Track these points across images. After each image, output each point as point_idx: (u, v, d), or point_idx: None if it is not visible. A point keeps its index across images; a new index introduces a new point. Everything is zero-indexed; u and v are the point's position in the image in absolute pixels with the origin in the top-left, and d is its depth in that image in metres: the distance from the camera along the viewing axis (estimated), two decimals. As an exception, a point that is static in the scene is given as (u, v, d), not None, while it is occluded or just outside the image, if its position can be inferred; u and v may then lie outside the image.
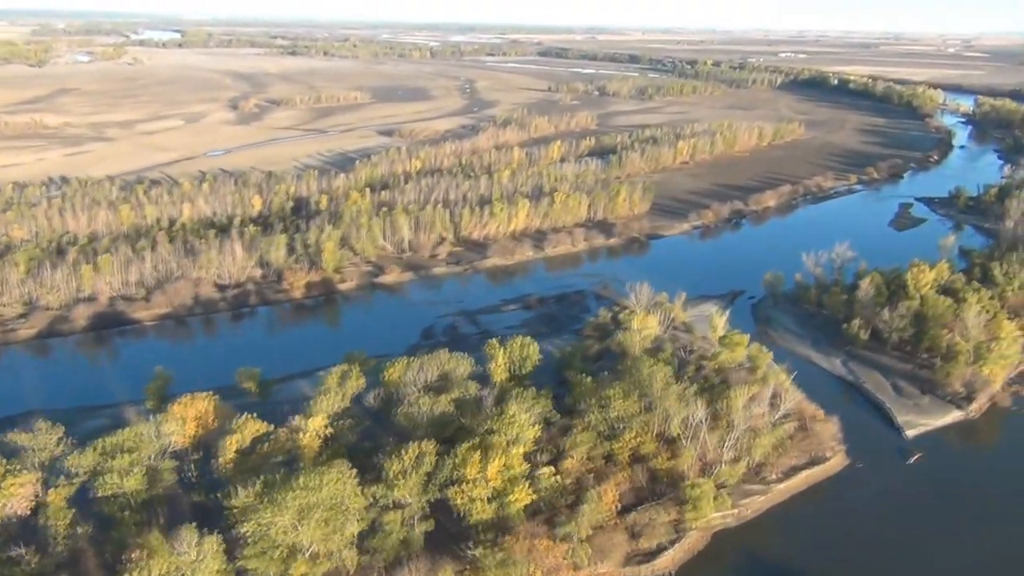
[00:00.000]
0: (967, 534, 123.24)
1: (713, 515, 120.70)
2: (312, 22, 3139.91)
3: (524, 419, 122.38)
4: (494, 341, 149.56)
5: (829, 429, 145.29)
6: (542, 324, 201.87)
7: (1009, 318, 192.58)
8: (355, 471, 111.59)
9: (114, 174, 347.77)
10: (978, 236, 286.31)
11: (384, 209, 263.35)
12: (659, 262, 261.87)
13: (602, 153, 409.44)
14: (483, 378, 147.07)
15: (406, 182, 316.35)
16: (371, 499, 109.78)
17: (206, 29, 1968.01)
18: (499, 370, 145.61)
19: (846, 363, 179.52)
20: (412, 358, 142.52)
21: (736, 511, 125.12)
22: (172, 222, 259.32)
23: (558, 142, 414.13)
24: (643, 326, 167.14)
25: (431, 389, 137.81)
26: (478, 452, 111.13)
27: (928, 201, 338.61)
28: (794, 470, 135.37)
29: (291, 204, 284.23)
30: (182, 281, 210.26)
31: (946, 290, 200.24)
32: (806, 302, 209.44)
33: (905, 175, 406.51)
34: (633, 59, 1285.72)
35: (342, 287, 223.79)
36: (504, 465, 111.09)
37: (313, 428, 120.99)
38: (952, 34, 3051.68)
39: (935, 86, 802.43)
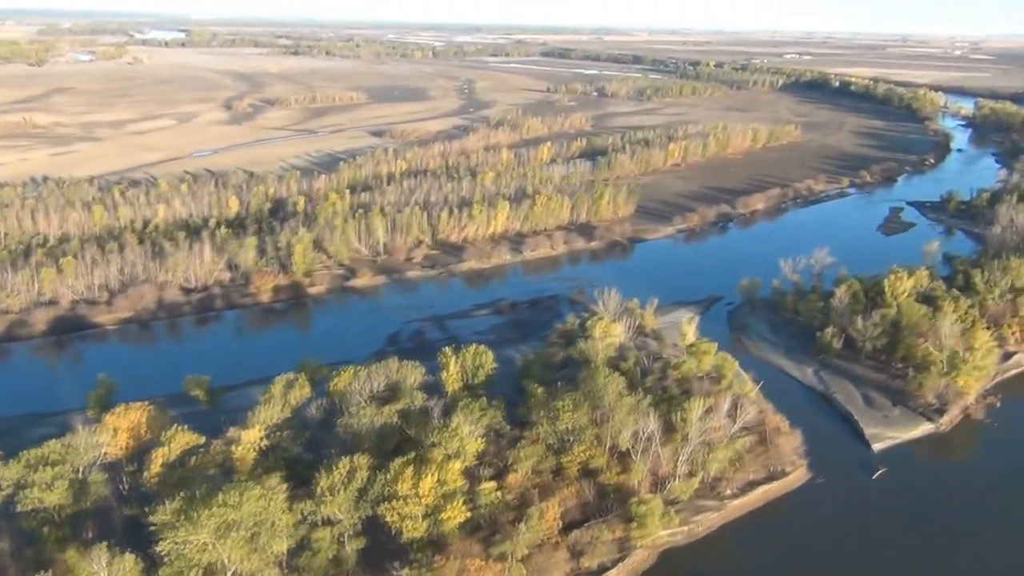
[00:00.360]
0: (930, 553, 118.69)
1: (661, 533, 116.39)
2: (318, 22, 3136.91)
3: (467, 432, 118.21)
4: (447, 349, 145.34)
5: (791, 442, 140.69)
6: (511, 330, 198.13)
7: (988, 327, 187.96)
8: (286, 486, 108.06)
9: (97, 174, 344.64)
10: (968, 241, 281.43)
11: (360, 211, 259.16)
12: (640, 266, 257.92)
13: (593, 155, 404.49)
14: (436, 388, 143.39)
15: (389, 183, 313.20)
16: (301, 516, 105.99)
17: (212, 29, 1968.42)
18: (452, 379, 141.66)
19: (818, 372, 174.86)
20: (359, 367, 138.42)
21: (687, 528, 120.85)
22: (146, 223, 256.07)
23: (548, 143, 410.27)
24: (606, 334, 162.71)
25: (379, 399, 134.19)
26: (411, 467, 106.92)
27: (919, 205, 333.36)
28: (751, 485, 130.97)
29: (269, 206, 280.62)
30: (147, 284, 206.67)
31: (926, 298, 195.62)
32: (783, 309, 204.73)
33: (899, 179, 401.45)
34: (636, 60, 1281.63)
35: (312, 291, 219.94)
36: (439, 481, 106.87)
37: (249, 440, 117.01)
38: (961, 36, 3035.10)
39: (938, 88, 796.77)
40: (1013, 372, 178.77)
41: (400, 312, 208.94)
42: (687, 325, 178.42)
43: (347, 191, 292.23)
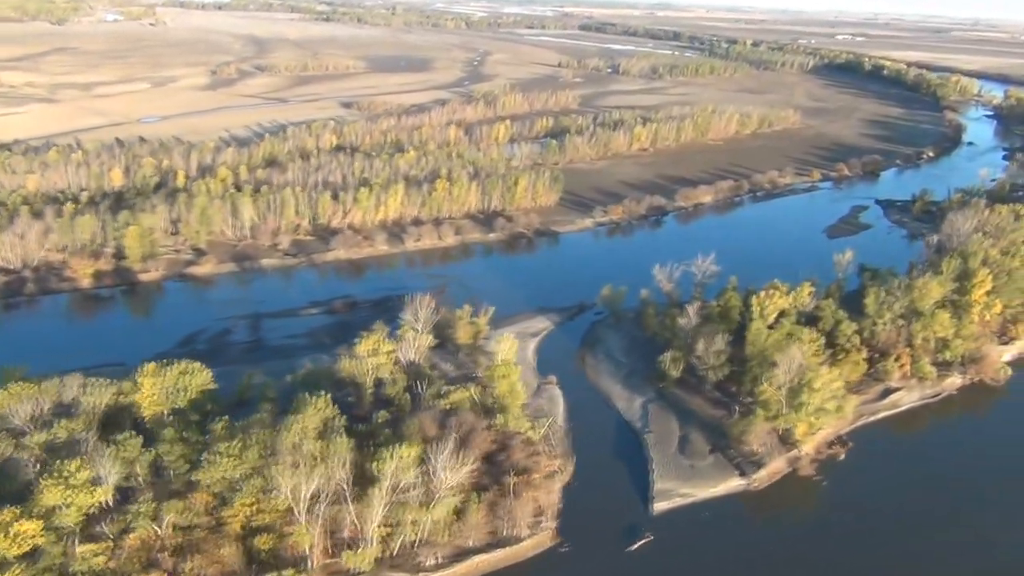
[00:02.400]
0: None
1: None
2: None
3: (83, 479, 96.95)
4: (150, 365, 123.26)
5: (545, 499, 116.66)
6: (328, 335, 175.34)
7: (872, 358, 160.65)
8: None
9: (23, 138, 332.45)
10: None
11: (231, 191, 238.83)
12: (537, 263, 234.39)
13: (557, 135, 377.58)
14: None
15: (304, 159, 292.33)
16: None
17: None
18: (148, 401, 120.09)
19: (646, 405, 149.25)
20: (26, 383, 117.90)
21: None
22: (11, 193, 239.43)
23: (506, 122, 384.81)
24: (375, 350, 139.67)
25: (45, 423, 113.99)
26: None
27: (887, 205, 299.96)
28: (466, 554, 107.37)
29: (156, 180, 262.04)
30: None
31: (811, 319, 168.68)
32: (646, 324, 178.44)
33: (886, 173, 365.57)
34: (675, 36, 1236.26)
35: (144, 277, 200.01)
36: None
37: None
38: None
39: (979, 76, 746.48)
40: (884, 414, 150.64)
41: (225, 306, 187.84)
42: (503, 341, 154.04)
43: (243, 167, 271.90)
